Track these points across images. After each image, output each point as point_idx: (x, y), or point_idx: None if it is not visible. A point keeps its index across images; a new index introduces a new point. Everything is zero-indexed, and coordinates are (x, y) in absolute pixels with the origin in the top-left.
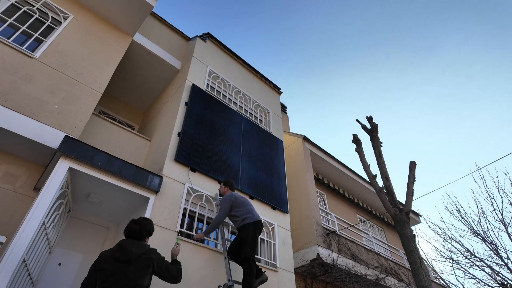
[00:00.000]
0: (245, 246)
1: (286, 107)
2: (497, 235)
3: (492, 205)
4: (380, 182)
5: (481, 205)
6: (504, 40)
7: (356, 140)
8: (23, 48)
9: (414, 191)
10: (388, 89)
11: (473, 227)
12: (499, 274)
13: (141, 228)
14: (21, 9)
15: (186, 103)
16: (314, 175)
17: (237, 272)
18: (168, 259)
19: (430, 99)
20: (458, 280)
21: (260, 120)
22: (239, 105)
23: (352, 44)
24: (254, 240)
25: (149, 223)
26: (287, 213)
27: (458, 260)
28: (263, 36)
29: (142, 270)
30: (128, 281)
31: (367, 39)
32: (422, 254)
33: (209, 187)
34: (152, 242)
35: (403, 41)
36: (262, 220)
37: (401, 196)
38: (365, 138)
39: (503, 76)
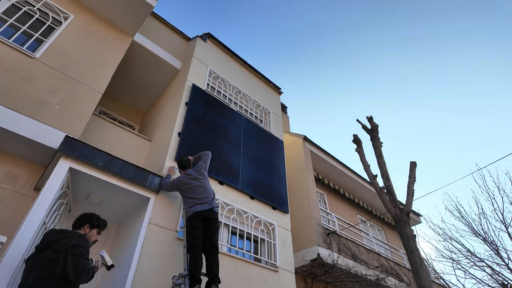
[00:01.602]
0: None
1: (287, 107)
2: (497, 235)
3: (493, 205)
4: (380, 182)
5: (481, 205)
6: (504, 39)
7: (356, 140)
8: (24, 48)
9: (414, 191)
10: (388, 89)
11: (473, 227)
12: (500, 274)
13: (80, 218)
14: (21, 9)
15: (186, 103)
16: (315, 175)
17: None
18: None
19: (430, 99)
20: (458, 280)
21: (261, 120)
22: (239, 105)
23: (353, 44)
24: (191, 230)
25: (92, 215)
26: (288, 213)
27: (459, 260)
28: (264, 36)
29: (56, 254)
30: (39, 265)
31: (368, 39)
32: (422, 254)
33: None
34: (153, 242)
35: (404, 41)
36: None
37: (401, 196)
38: (365, 138)
39: (503, 76)
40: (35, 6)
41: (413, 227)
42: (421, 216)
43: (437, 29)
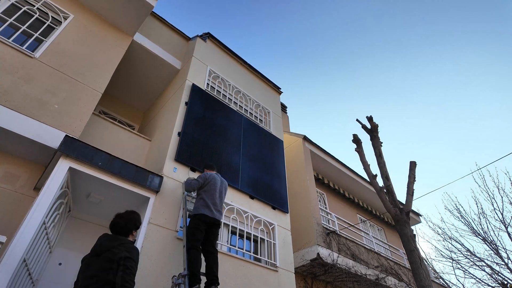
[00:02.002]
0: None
1: (286, 107)
2: (497, 235)
3: (492, 204)
4: (380, 182)
5: (481, 205)
6: (504, 38)
7: (356, 140)
8: (23, 48)
9: (414, 191)
10: (388, 89)
11: (473, 227)
12: (499, 274)
13: (126, 222)
14: (21, 9)
15: (186, 103)
16: (314, 175)
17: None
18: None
19: (430, 99)
20: (458, 280)
21: (260, 120)
22: (239, 105)
23: (353, 44)
24: (192, 230)
25: (134, 216)
26: (287, 213)
27: (458, 260)
28: (264, 35)
29: (108, 262)
30: (91, 273)
31: (368, 38)
32: (422, 254)
33: None
34: (152, 242)
35: (404, 41)
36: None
37: (401, 196)
38: (365, 138)
39: (503, 76)
40: (34, 6)
41: (413, 227)
42: (421, 215)
43: (437, 29)
